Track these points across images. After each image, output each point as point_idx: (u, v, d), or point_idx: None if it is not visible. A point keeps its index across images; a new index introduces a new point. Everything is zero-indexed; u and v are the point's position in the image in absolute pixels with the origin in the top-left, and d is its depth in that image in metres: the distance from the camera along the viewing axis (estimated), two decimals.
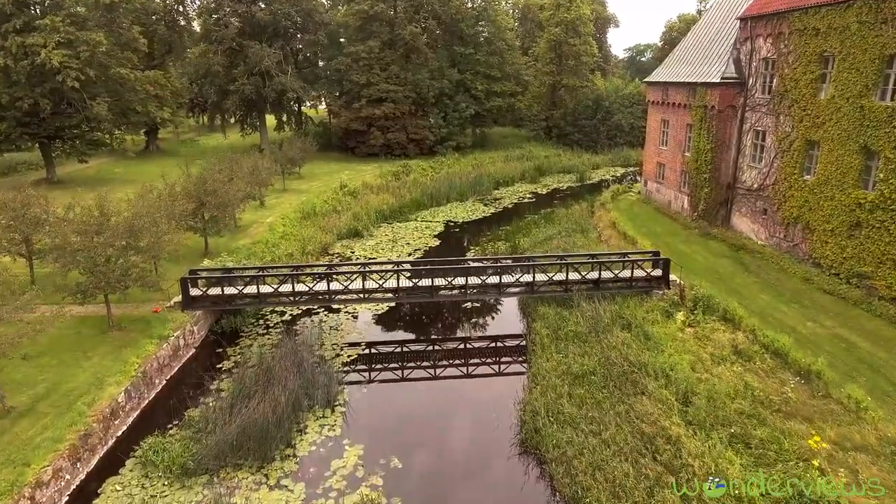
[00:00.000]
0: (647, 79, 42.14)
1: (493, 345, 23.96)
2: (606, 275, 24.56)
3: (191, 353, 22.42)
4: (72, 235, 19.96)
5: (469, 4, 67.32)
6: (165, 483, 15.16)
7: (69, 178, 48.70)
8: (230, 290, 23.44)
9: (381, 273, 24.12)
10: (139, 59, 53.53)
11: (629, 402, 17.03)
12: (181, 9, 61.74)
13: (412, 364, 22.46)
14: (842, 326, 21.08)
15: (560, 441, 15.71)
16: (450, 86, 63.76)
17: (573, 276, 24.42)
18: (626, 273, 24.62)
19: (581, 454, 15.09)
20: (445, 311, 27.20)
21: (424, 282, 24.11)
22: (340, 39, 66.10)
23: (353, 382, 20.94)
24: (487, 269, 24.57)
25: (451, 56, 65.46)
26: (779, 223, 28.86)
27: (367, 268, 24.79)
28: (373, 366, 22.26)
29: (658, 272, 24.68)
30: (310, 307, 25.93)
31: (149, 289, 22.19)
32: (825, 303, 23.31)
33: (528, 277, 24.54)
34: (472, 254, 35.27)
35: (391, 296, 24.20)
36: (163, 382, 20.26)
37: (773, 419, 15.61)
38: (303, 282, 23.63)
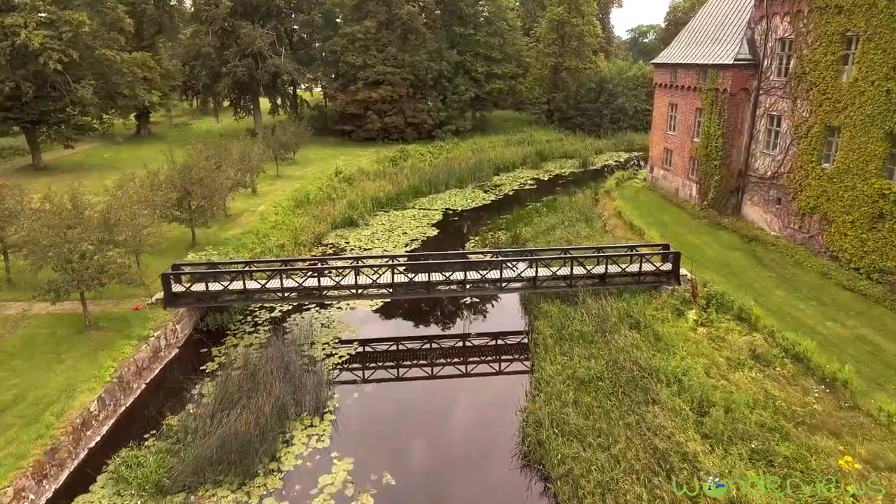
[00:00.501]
0: (655, 60, 40.38)
1: (494, 342, 22.72)
2: (613, 269, 23.26)
3: (173, 354, 21.16)
4: (41, 229, 18.60)
5: None
6: (139, 503, 14.00)
7: (56, 164, 47.23)
8: (215, 286, 22.15)
9: (375, 268, 22.87)
10: (127, 41, 51.62)
11: (640, 412, 15.81)
12: None
13: (408, 362, 21.31)
14: (865, 326, 19.79)
15: (565, 456, 14.51)
16: (449, 68, 61.80)
17: (578, 271, 23.14)
18: (634, 267, 23.31)
19: (588, 472, 13.90)
20: (443, 306, 25.93)
21: (421, 277, 22.80)
22: (336, 20, 64.04)
23: (346, 381, 19.81)
24: (487, 264, 23.25)
25: (451, 37, 63.37)
26: (794, 213, 27.45)
27: (360, 262, 23.53)
28: (367, 364, 21.08)
29: (668, 266, 23.36)
30: (300, 303, 24.66)
31: (128, 285, 20.89)
32: (845, 300, 22.01)
33: (531, 272, 23.25)
34: (472, 244, 33.90)
35: (385, 292, 22.90)
36: (141, 387, 19.01)
37: (798, 433, 14.40)
38: (292, 277, 22.31)
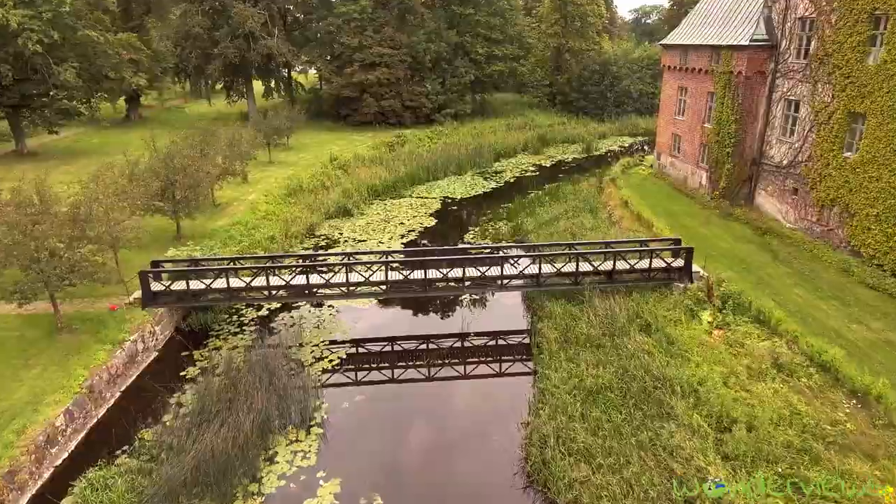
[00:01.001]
0: (664, 41, 38.50)
1: (494, 342, 21.38)
2: (621, 265, 21.83)
3: (151, 359, 19.80)
4: (1, 227, 17.17)
5: None
6: None
7: (42, 150, 45.57)
8: (197, 285, 20.73)
9: (368, 265, 21.47)
10: (113, 21, 49.65)
11: (653, 428, 14.50)
12: None
13: (403, 363, 20.03)
14: (893, 330, 18.39)
15: (573, 480, 13.23)
16: (448, 49, 59.76)
17: (584, 267, 21.73)
18: (644, 263, 21.89)
19: (599, 499, 12.63)
20: (441, 304, 24.55)
21: (417, 274, 21.40)
22: None
23: (337, 384, 18.66)
24: (487, 260, 21.82)
25: (450, 17, 61.20)
26: (812, 205, 25.95)
27: (353, 258, 22.09)
28: (360, 365, 19.83)
29: (680, 263, 21.93)
30: (289, 301, 23.27)
31: (102, 285, 19.51)
32: (869, 299, 20.60)
33: (534, 269, 21.83)
34: (472, 235, 32.42)
35: (379, 290, 21.50)
36: (115, 396, 17.67)
37: (828, 455, 13.10)
38: (279, 275, 20.90)
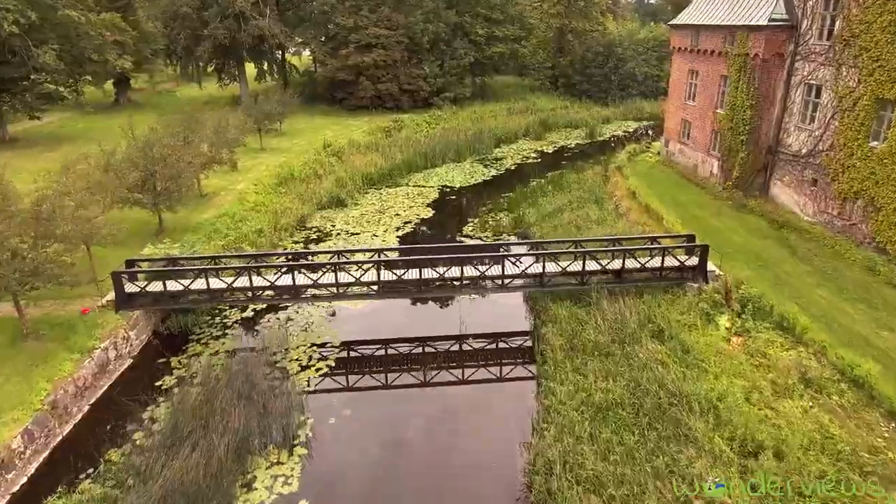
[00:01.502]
0: (674, 21, 36.55)
1: (495, 345, 20.01)
2: (631, 263, 20.33)
3: (125, 367, 18.38)
4: None
5: None
6: None
7: (25, 136, 43.90)
8: (175, 286, 19.28)
9: (360, 264, 20.00)
10: (97, 1, 47.59)
11: (670, 452, 13.14)
12: None
13: (397, 367, 18.75)
14: None
15: None
16: (446, 30, 57.54)
17: (590, 266, 20.25)
18: (655, 261, 20.40)
19: None
20: (438, 304, 23.10)
21: (411, 274, 19.93)
22: None
23: (325, 390, 17.45)
24: (486, 259, 20.35)
25: None
26: (833, 197, 24.38)
27: (343, 257, 20.61)
28: (351, 368, 18.65)
29: (694, 261, 20.45)
30: (275, 303, 21.83)
31: (70, 287, 18.05)
32: None
33: (537, 268, 20.36)
34: (471, 228, 30.85)
35: (371, 291, 20.05)
36: (83, 410, 16.28)
37: (867, 488, 11.75)
38: (263, 276, 19.44)
